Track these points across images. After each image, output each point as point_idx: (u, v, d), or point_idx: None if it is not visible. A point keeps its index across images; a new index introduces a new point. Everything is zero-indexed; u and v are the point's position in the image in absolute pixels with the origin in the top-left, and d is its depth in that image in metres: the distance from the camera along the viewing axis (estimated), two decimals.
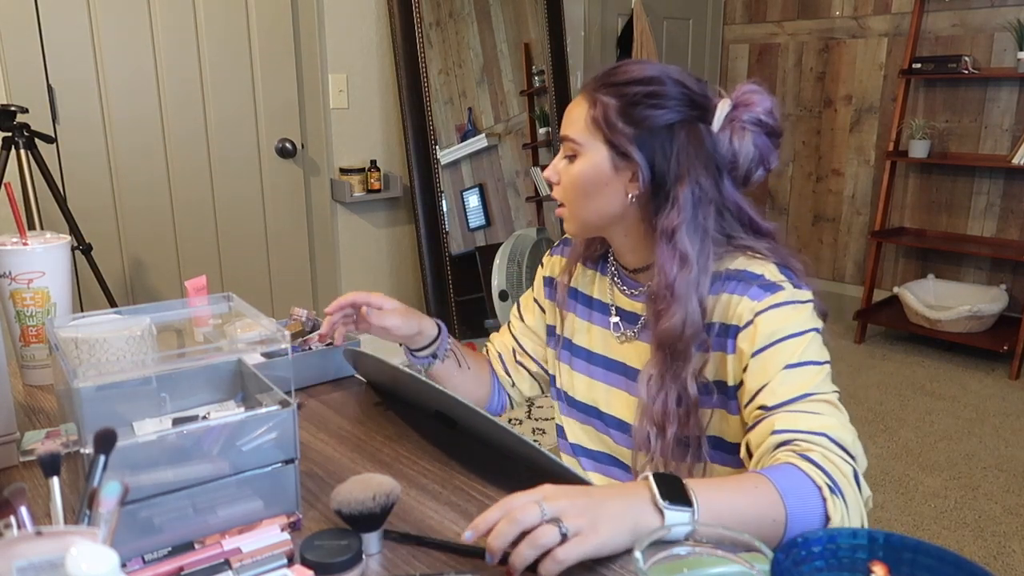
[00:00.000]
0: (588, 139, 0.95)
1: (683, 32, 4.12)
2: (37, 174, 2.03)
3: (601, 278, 1.09)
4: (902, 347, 3.65)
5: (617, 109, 0.93)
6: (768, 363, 0.87)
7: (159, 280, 2.60)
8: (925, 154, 3.58)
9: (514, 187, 3.24)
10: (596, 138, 0.94)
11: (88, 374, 0.70)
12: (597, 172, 0.95)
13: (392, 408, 1.09)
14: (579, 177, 0.96)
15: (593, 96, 0.95)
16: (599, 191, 0.96)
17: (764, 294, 0.90)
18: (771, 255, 0.95)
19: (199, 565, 0.67)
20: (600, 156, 0.95)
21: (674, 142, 0.93)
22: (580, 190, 0.97)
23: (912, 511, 2.29)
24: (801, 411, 0.83)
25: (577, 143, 0.95)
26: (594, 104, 0.94)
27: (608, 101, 0.94)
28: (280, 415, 0.74)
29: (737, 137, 0.95)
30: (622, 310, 1.05)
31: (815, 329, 0.89)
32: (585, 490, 0.72)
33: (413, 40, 2.83)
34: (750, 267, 0.93)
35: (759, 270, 0.92)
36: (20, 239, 1.10)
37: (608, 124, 0.93)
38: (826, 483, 0.74)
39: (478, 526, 0.68)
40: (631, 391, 1.02)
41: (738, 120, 0.95)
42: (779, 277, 0.92)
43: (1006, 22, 3.37)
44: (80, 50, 2.31)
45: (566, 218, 1.01)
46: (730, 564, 0.59)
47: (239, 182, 2.72)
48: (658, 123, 0.93)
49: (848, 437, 0.81)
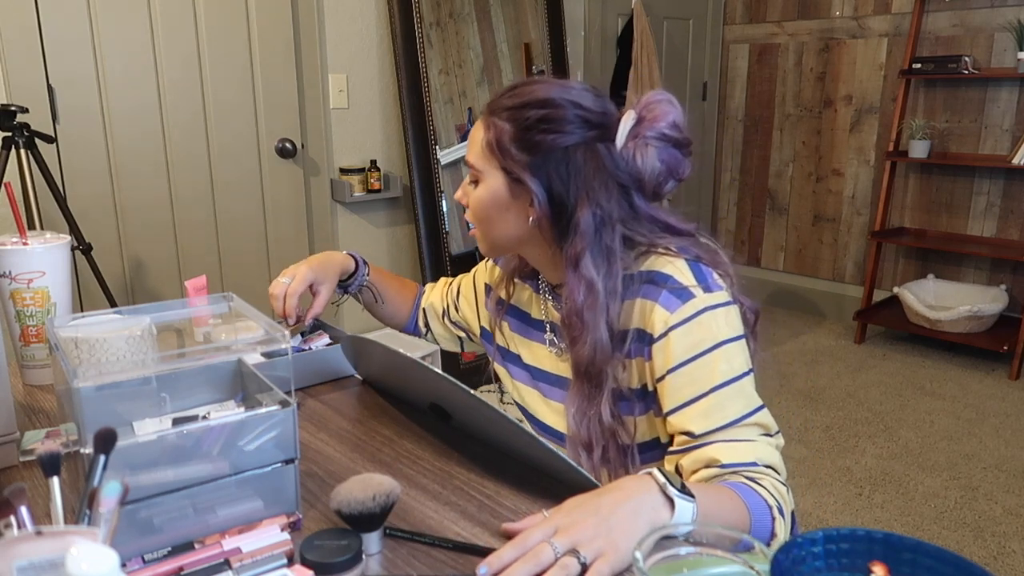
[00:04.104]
0: (485, 165, 0.95)
1: (683, 32, 4.12)
2: (37, 174, 2.02)
3: (533, 294, 1.09)
4: (902, 347, 3.65)
5: (511, 135, 0.92)
6: (686, 381, 0.88)
7: (159, 280, 2.60)
8: (925, 154, 3.58)
9: None
10: (492, 164, 0.94)
11: (88, 374, 0.70)
12: (495, 197, 0.95)
13: (392, 408, 1.09)
14: (480, 202, 0.96)
15: (488, 120, 0.94)
16: (501, 215, 0.96)
17: (676, 303, 0.88)
18: (681, 252, 0.93)
19: (199, 565, 0.67)
20: (497, 182, 0.94)
21: (570, 166, 0.91)
22: (483, 214, 0.97)
23: (912, 511, 2.29)
24: (735, 440, 0.86)
25: (476, 168, 0.96)
26: (489, 128, 0.94)
27: (502, 126, 0.92)
28: (280, 415, 0.74)
29: (640, 153, 0.92)
30: (556, 325, 1.04)
31: (731, 339, 0.88)
32: (593, 504, 0.72)
33: (413, 40, 2.83)
34: (660, 266, 0.92)
35: (669, 270, 0.91)
36: (20, 239, 1.10)
37: (502, 150, 0.92)
38: (775, 505, 0.82)
39: (492, 564, 0.68)
40: (560, 399, 1.03)
41: (641, 136, 0.93)
42: (690, 279, 0.90)
43: (1006, 22, 3.37)
44: (80, 50, 2.31)
45: (478, 239, 1.02)
46: (730, 564, 0.59)
47: (239, 182, 2.72)
48: (552, 147, 0.91)
49: (776, 458, 0.88)
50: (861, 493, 2.39)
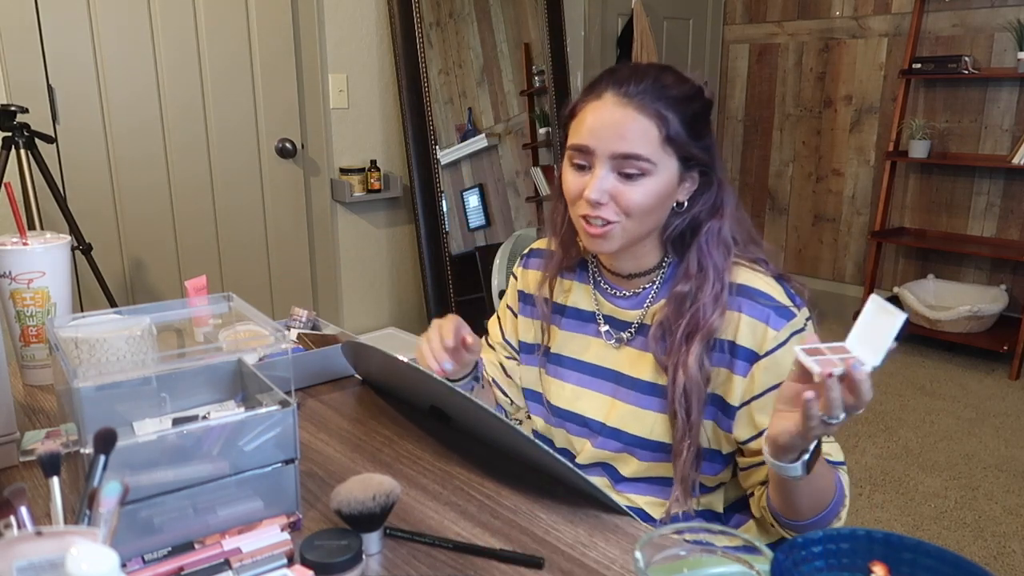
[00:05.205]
0: (661, 156, 0.92)
1: (683, 32, 4.12)
2: (37, 174, 2.02)
3: (580, 286, 1.08)
4: (902, 347, 3.65)
5: (685, 124, 0.92)
6: None
7: (159, 280, 2.60)
8: (925, 154, 3.58)
9: (514, 187, 3.24)
10: (669, 155, 0.92)
11: (88, 374, 0.70)
12: (668, 189, 0.94)
13: (392, 408, 1.09)
14: (655, 195, 0.92)
15: (657, 111, 0.91)
16: (663, 206, 0.95)
17: (781, 323, 0.91)
18: (767, 267, 0.96)
19: (199, 565, 0.67)
20: (671, 173, 0.93)
21: (712, 148, 0.96)
22: (650, 206, 0.93)
23: (912, 511, 2.29)
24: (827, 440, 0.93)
25: (650, 161, 0.91)
26: (663, 121, 0.91)
27: (674, 118, 0.91)
28: (280, 415, 0.74)
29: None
30: (610, 317, 1.04)
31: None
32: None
33: (413, 40, 2.83)
34: (756, 283, 0.94)
35: (766, 288, 0.93)
36: (20, 239, 1.10)
37: (681, 141, 0.92)
38: (846, 495, 0.90)
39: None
40: (617, 396, 1.01)
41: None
42: (786, 300, 0.93)
43: (1006, 22, 3.37)
44: (80, 50, 2.31)
45: (613, 236, 0.94)
46: (730, 564, 0.59)
47: (239, 182, 2.72)
48: (711, 137, 0.95)
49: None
50: (861, 493, 2.39)
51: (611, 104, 0.92)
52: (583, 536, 0.78)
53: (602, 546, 0.76)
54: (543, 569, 0.72)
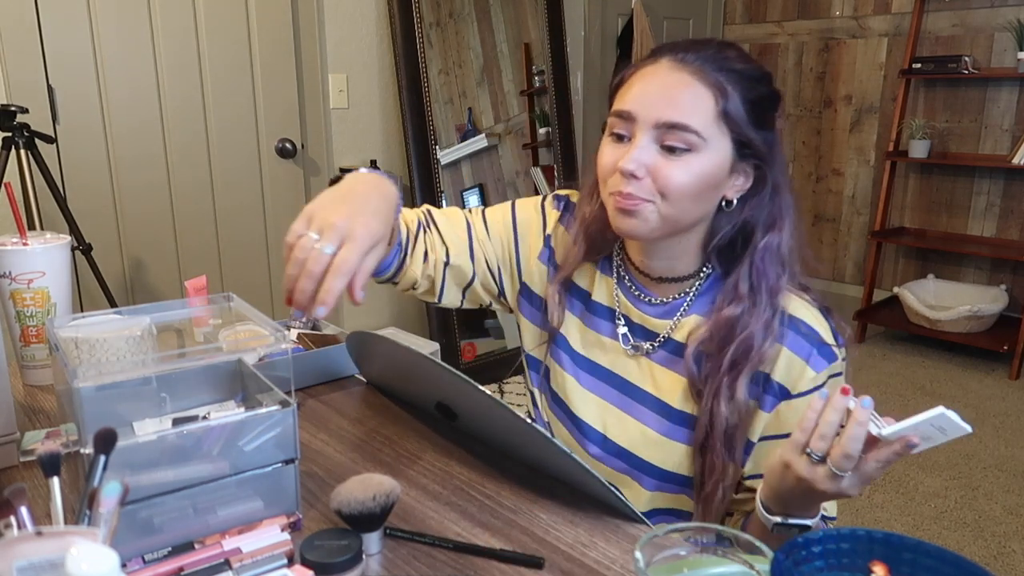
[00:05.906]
0: (714, 133, 0.79)
1: (683, 32, 4.12)
2: (37, 174, 2.02)
3: (603, 278, 0.96)
4: (902, 347, 3.65)
5: (747, 103, 0.80)
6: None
7: (159, 280, 2.60)
8: (925, 154, 3.58)
9: (514, 187, 3.24)
10: (723, 134, 0.80)
11: (88, 374, 0.70)
12: (719, 173, 0.81)
13: (392, 408, 1.09)
14: (698, 175, 0.79)
15: (716, 80, 0.79)
16: (710, 193, 0.82)
17: (823, 363, 0.84)
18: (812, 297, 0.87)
19: (199, 565, 0.67)
20: (722, 156, 0.80)
21: (775, 147, 0.83)
22: (695, 188, 0.79)
23: (912, 511, 2.29)
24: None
25: (699, 135, 0.78)
26: (723, 93, 0.79)
27: (734, 93, 0.79)
28: (280, 415, 0.74)
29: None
30: (631, 321, 0.93)
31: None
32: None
33: (413, 40, 2.83)
34: (804, 315, 0.85)
35: (812, 322, 0.85)
36: (20, 239, 1.10)
37: (739, 120, 0.79)
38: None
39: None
40: (624, 408, 0.93)
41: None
42: (830, 338, 0.85)
43: (1006, 22, 3.37)
44: (80, 50, 2.31)
45: (644, 216, 0.81)
46: (730, 564, 0.59)
47: (239, 182, 2.72)
48: (774, 130, 0.83)
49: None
50: (861, 493, 2.39)
51: (666, 68, 0.80)
52: (583, 536, 0.78)
53: (602, 546, 0.76)
54: (543, 569, 0.72)
